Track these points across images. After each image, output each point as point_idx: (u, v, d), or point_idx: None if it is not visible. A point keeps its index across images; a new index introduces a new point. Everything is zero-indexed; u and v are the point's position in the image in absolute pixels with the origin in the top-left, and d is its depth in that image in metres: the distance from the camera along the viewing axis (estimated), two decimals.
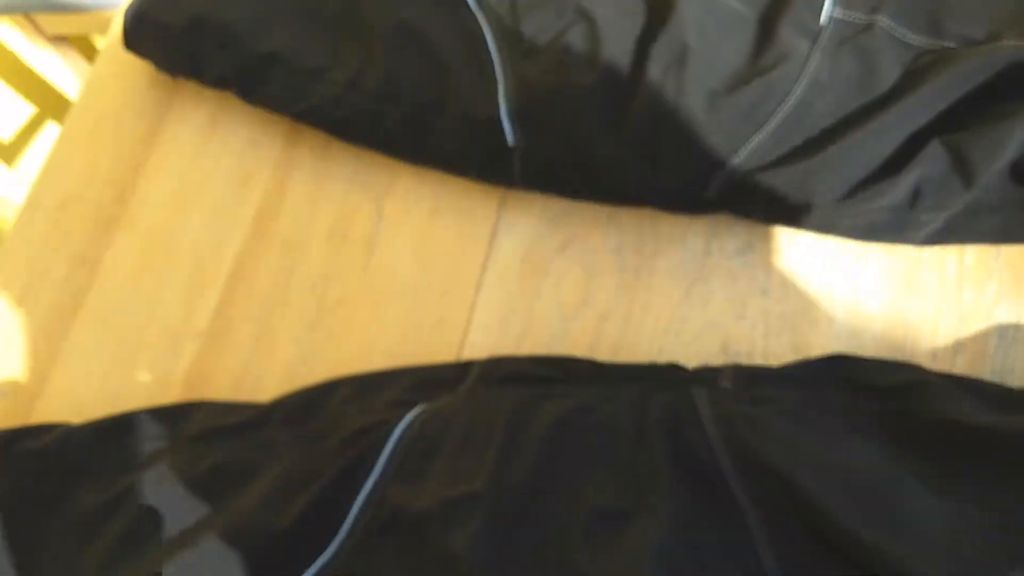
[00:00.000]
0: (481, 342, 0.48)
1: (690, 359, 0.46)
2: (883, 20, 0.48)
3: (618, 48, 0.48)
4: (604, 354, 0.47)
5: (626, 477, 0.38)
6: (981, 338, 0.44)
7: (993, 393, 0.41)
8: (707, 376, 0.42)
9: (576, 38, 0.49)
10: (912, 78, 0.46)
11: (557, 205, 0.51)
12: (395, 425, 0.40)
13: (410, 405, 0.42)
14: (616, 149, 0.47)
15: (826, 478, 0.38)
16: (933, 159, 0.44)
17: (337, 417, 0.43)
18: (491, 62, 0.51)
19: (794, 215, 0.46)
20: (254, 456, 0.43)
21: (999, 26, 0.47)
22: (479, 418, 0.39)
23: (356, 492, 0.39)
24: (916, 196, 0.44)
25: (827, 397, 0.41)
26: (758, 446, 0.38)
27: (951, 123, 0.44)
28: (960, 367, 0.44)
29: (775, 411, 0.40)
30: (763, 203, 0.46)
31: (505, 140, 0.49)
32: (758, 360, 0.46)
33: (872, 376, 0.41)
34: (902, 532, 0.37)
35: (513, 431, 0.39)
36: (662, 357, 0.46)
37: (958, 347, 0.44)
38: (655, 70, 0.47)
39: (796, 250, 0.48)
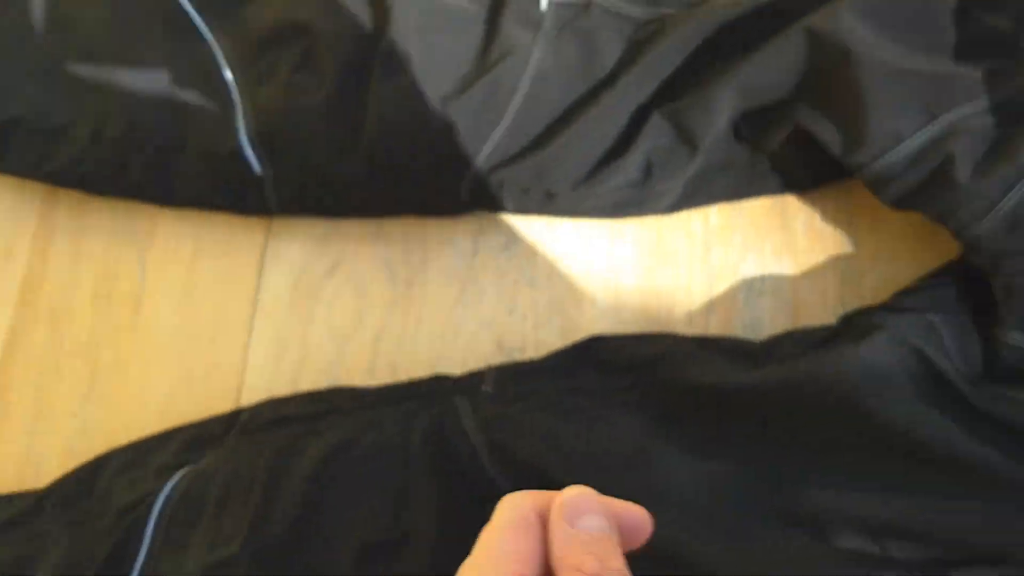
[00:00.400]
0: (258, 383, 0.47)
1: (467, 362, 0.47)
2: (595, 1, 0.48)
3: (341, 62, 0.47)
4: (383, 374, 0.47)
5: (396, 505, 0.38)
6: (731, 295, 0.46)
7: (743, 349, 0.43)
8: (471, 382, 0.43)
9: (301, 57, 0.48)
10: (633, 52, 0.47)
11: (322, 226, 0.50)
12: (158, 494, 0.39)
13: (177, 469, 0.41)
14: (356, 166, 0.46)
15: (580, 465, 0.39)
16: (658, 131, 0.45)
17: (107, 494, 0.42)
18: (228, 92, 0.49)
19: (541, 205, 0.47)
20: (29, 549, 0.41)
21: None
22: (239, 472, 0.39)
23: (130, 572, 0.38)
24: (649, 169, 0.45)
25: (583, 381, 0.42)
26: (517, 446, 0.39)
27: (671, 93, 0.45)
28: (714, 327, 0.46)
29: (535, 406, 0.41)
30: (512, 197, 0.47)
31: (252, 170, 0.48)
32: (530, 352, 0.46)
33: (625, 353, 0.43)
34: (662, 503, 0.39)
35: (274, 480, 0.38)
36: (441, 365, 0.47)
37: (710, 307, 0.46)
38: (381, 81, 0.46)
39: (556, 236, 0.49)
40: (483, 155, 0.46)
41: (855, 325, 0.41)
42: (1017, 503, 0.35)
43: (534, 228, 0.49)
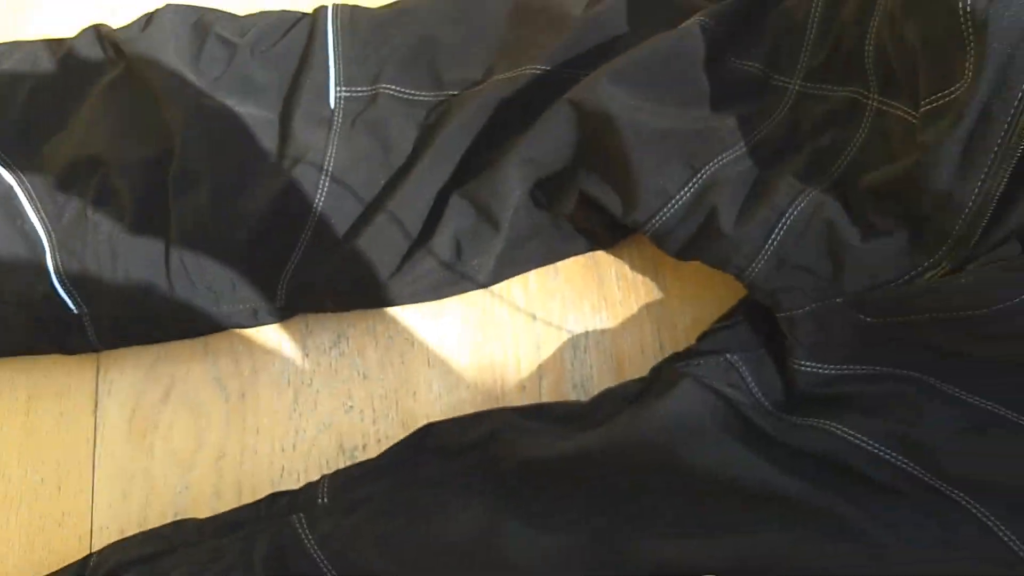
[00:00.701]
0: (109, 524, 0.46)
1: (310, 470, 0.47)
2: (386, 87, 0.49)
3: (138, 189, 0.46)
4: (229, 495, 0.46)
5: None
6: (558, 357, 0.47)
7: (571, 413, 0.44)
8: (308, 496, 0.43)
9: (98, 190, 0.48)
10: (426, 136, 0.48)
11: (150, 353, 0.50)
12: None
13: None
14: (167, 291, 0.46)
15: (419, 564, 0.39)
16: (459, 212, 0.46)
17: None
18: (36, 234, 0.48)
19: (360, 299, 0.47)
20: None
21: (494, 60, 0.49)
22: None
23: None
24: (458, 249, 0.46)
25: (424, 472, 0.43)
26: (355, 556, 0.39)
27: (465, 173, 0.46)
28: (546, 392, 0.47)
29: (370, 511, 0.41)
30: (329, 296, 0.47)
31: (70, 310, 0.47)
32: (372, 449, 0.47)
33: (459, 436, 0.43)
34: None
35: None
36: (286, 478, 0.46)
37: (541, 372, 0.47)
38: (177, 201, 0.46)
39: (383, 326, 0.49)
40: (293, 260, 0.46)
41: (662, 377, 0.42)
42: (823, 528, 0.37)
43: (360, 321, 0.49)
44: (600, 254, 0.49)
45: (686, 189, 0.41)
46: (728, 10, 0.44)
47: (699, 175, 0.41)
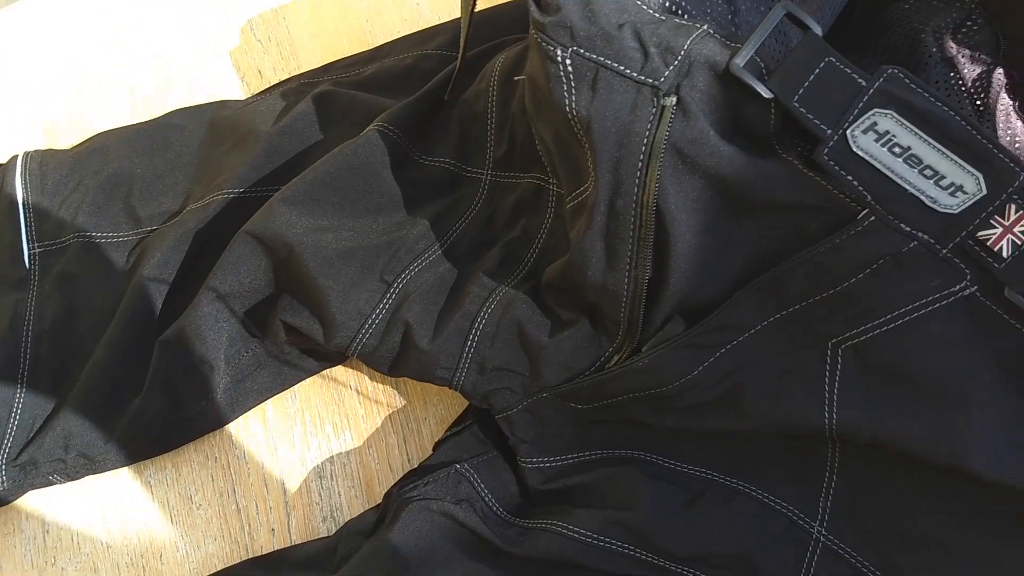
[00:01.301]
0: None
1: None
2: (81, 235, 0.46)
3: None
4: None
5: None
6: (304, 490, 0.45)
7: (312, 555, 0.42)
8: None
9: None
10: (124, 282, 0.45)
11: None
12: None
13: None
14: None
15: None
16: (169, 356, 0.43)
17: None
18: None
19: (87, 467, 0.44)
20: None
21: (190, 187, 0.47)
22: None
23: None
24: (176, 393, 0.43)
25: None
26: None
27: (169, 314, 0.44)
28: (296, 530, 0.44)
29: None
30: (55, 470, 0.43)
31: None
32: None
33: None
34: None
35: None
36: None
37: (289, 508, 0.45)
38: None
39: (119, 486, 0.45)
40: (9, 439, 0.42)
41: (392, 504, 0.40)
42: None
43: (97, 493, 0.46)
44: (338, 369, 0.47)
45: (381, 306, 0.39)
46: (406, 111, 0.43)
47: (392, 289, 0.40)
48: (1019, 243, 0.29)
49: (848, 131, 0.30)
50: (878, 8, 0.40)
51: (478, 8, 0.48)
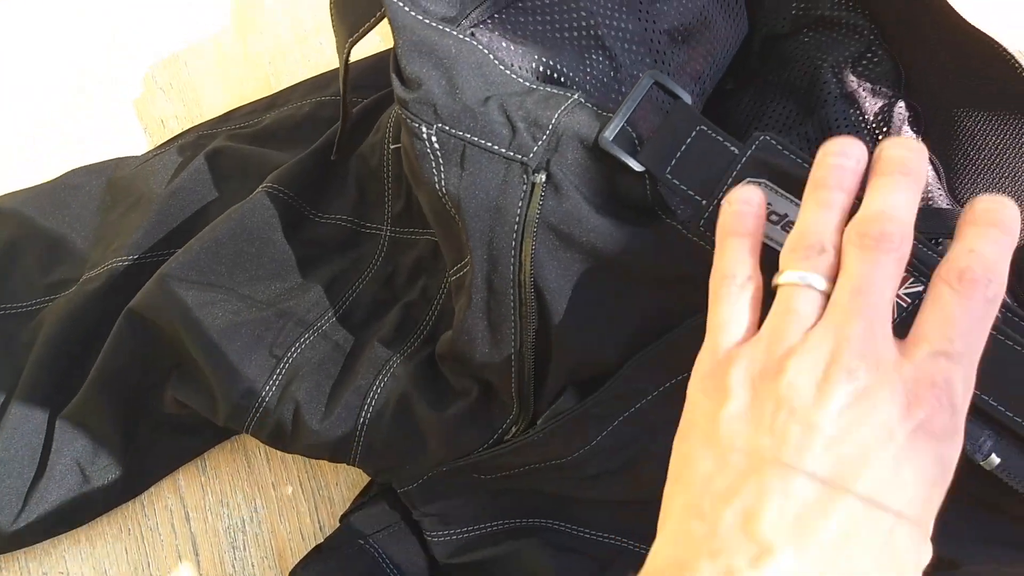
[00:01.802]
0: None
1: None
2: None
3: None
4: None
5: None
6: (217, 560, 0.44)
7: None
8: None
9: None
10: (22, 360, 0.43)
11: None
12: None
13: None
14: None
15: None
16: (68, 437, 0.42)
17: None
18: None
19: None
20: None
21: (88, 253, 0.45)
22: None
23: None
24: (83, 472, 0.42)
25: None
26: None
27: (66, 390, 0.42)
28: None
29: None
30: None
31: None
32: None
33: None
34: None
35: None
36: None
37: None
38: None
39: (35, 563, 0.44)
40: None
41: None
42: None
43: (9, 564, 0.44)
44: (246, 436, 0.45)
45: (271, 383, 0.38)
46: (297, 169, 0.41)
47: (281, 364, 0.38)
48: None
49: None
50: (776, 39, 0.39)
51: (375, 52, 0.46)
